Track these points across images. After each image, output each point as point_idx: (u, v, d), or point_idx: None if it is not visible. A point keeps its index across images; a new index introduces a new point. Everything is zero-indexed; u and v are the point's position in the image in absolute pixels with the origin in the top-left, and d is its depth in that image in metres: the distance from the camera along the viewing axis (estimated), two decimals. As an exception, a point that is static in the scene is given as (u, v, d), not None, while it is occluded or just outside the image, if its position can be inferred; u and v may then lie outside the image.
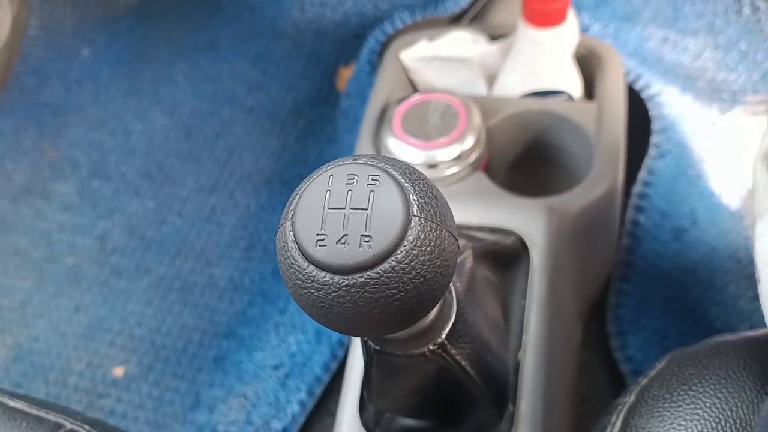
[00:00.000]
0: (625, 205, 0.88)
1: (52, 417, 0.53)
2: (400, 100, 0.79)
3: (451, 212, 0.38)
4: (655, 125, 0.91)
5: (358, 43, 1.13)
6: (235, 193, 1.10)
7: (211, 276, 1.04)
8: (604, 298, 0.88)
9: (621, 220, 0.87)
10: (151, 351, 0.99)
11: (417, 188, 0.36)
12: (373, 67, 1.01)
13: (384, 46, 1.02)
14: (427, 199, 0.36)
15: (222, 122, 1.17)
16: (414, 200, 0.36)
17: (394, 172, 0.37)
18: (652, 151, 0.90)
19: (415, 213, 0.35)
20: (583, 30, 0.96)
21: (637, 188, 0.89)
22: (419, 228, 0.35)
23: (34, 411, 0.53)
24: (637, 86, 0.93)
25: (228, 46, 1.24)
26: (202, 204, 1.10)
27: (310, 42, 1.20)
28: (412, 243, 0.35)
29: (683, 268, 0.87)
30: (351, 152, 0.96)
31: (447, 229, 0.36)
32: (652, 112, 0.92)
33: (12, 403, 0.54)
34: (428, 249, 0.35)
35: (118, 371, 0.98)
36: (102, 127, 1.20)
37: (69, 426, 0.52)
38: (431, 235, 0.36)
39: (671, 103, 0.94)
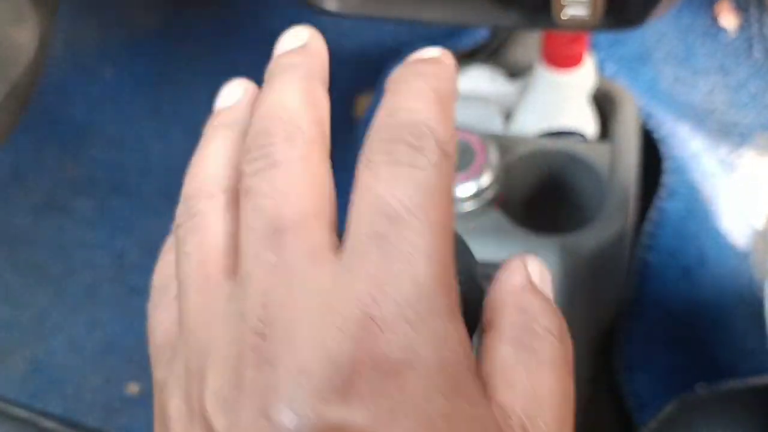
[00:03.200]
0: (635, 244, 0.91)
1: None
2: (420, 136, 0.81)
3: None
4: (666, 165, 0.94)
5: (376, 72, 1.15)
6: (252, 216, 1.12)
7: (225, 297, 1.05)
8: (612, 332, 0.90)
9: (631, 258, 0.89)
10: (166, 369, 1.01)
11: None
12: (392, 98, 1.03)
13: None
14: None
15: (241, 144, 1.19)
16: None
17: None
18: (662, 192, 0.92)
19: None
20: (598, 68, 0.99)
21: (647, 227, 0.92)
22: None
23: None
24: (650, 126, 0.96)
25: (248, 69, 1.26)
26: (219, 225, 1.11)
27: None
28: None
29: (690, 306, 0.89)
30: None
31: None
32: (663, 153, 0.94)
33: (46, 422, 0.56)
34: None
35: (133, 388, 1.00)
36: (122, 146, 1.22)
37: None
38: None
39: (682, 144, 0.96)
